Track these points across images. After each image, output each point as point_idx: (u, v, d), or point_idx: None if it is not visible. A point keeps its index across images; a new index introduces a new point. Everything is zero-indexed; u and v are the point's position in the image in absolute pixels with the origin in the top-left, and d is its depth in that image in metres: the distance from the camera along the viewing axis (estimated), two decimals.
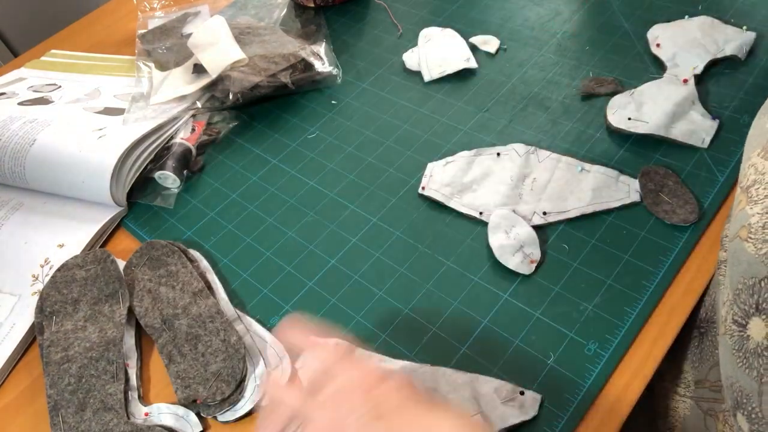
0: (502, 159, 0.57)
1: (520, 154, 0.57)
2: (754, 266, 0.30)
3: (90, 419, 0.45)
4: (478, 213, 0.53)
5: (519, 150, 0.57)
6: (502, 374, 0.44)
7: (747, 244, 0.31)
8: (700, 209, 0.50)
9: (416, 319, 0.48)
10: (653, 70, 0.62)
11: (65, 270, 0.53)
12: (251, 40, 0.71)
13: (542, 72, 0.66)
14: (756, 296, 0.30)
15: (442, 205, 0.55)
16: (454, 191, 0.56)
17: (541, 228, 0.52)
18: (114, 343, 0.48)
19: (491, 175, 0.56)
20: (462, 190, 0.55)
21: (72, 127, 0.63)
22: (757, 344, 0.30)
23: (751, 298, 0.30)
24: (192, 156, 0.64)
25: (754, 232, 0.31)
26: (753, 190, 0.32)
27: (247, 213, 0.59)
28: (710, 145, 0.54)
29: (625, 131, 0.56)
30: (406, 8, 0.78)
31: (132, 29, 0.85)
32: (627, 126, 0.56)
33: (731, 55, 0.61)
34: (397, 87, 0.68)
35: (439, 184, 0.56)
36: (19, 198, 0.64)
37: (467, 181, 0.56)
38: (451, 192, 0.56)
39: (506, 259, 0.49)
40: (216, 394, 0.44)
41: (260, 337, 0.49)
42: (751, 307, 0.30)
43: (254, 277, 0.53)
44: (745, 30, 0.63)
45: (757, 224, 0.31)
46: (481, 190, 0.55)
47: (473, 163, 0.57)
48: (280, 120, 0.68)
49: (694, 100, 0.57)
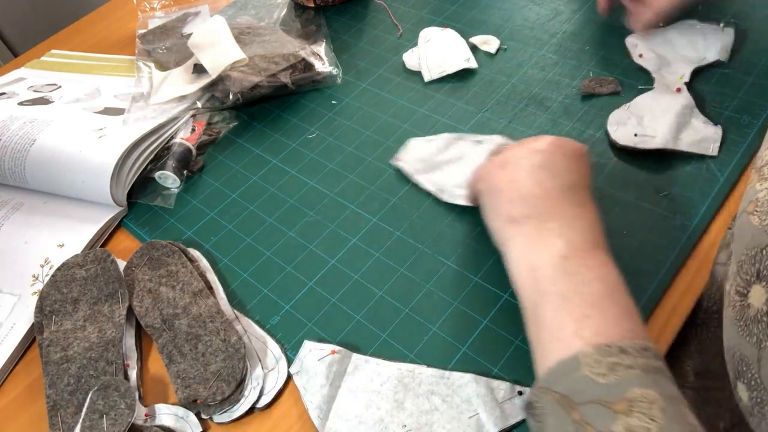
0: (481, 147, 0.58)
1: (497, 145, 0.58)
2: (758, 237, 0.30)
3: None
4: (438, 190, 0.55)
5: (498, 142, 0.58)
6: (502, 374, 0.44)
7: (752, 216, 0.31)
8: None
9: (416, 319, 0.48)
10: (643, 82, 0.61)
11: (65, 269, 0.53)
12: (251, 40, 0.71)
13: (542, 72, 0.66)
14: (757, 264, 0.30)
15: (432, 195, 0.56)
16: (425, 167, 0.58)
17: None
18: (113, 344, 0.48)
19: (464, 158, 0.57)
20: (432, 168, 0.57)
21: (72, 127, 0.63)
22: (757, 310, 0.30)
23: (753, 267, 0.31)
24: (192, 156, 0.64)
25: (760, 206, 0.31)
26: (766, 169, 0.33)
27: (247, 213, 0.59)
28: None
29: (634, 149, 0.54)
30: (406, 8, 0.78)
31: (132, 29, 0.85)
32: (635, 143, 0.54)
33: (714, 61, 0.61)
34: (397, 87, 0.68)
35: (413, 158, 0.58)
36: (19, 198, 0.64)
37: (439, 160, 0.58)
38: (422, 167, 0.58)
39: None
40: (216, 394, 0.44)
41: (258, 338, 0.49)
42: (753, 276, 0.31)
43: (254, 277, 0.53)
44: (723, 27, 0.63)
45: (764, 198, 0.31)
46: (448, 170, 0.57)
47: (452, 145, 0.59)
48: (280, 120, 0.68)
49: (692, 108, 0.57)
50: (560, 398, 0.33)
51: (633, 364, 0.32)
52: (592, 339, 0.34)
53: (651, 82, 0.60)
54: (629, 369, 0.32)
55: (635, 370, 0.32)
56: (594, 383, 0.32)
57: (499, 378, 0.43)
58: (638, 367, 0.32)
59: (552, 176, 0.41)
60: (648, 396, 0.31)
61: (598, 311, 0.35)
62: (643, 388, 0.31)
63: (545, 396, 0.34)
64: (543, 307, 0.37)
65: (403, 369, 0.44)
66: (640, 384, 0.31)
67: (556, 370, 0.34)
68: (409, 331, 0.48)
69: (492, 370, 0.44)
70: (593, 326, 0.34)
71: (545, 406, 0.34)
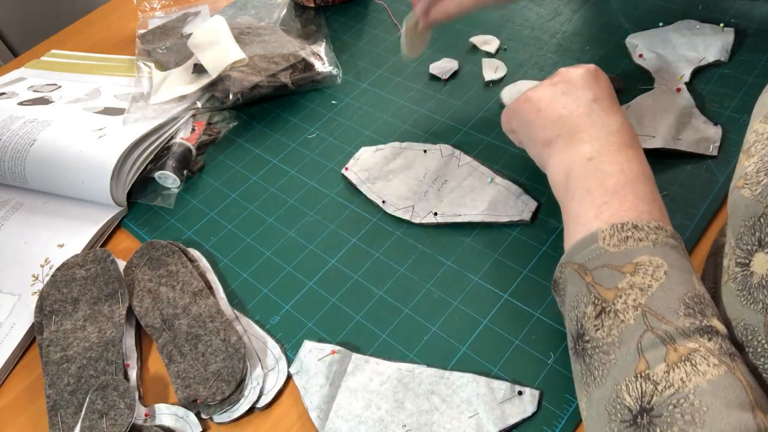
0: (427, 156, 0.59)
1: (444, 155, 0.58)
2: (751, 207, 0.31)
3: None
4: (381, 201, 0.56)
5: (444, 151, 0.59)
6: (501, 374, 0.44)
7: (743, 190, 0.32)
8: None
9: (416, 319, 0.48)
10: (643, 82, 0.61)
11: (65, 269, 0.53)
12: (251, 40, 0.71)
13: (542, 72, 0.66)
14: (758, 233, 0.31)
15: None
16: (370, 177, 0.58)
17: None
18: (113, 344, 0.48)
19: (410, 169, 0.58)
20: (378, 178, 0.58)
21: (72, 127, 0.63)
22: (761, 277, 0.31)
23: (753, 237, 0.31)
24: (192, 156, 0.64)
25: (749, 179, 0.32)
26: (752, 148, 0.34)
27: (247, 213, 0.59)
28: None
29: None
30: (406, 8, 0.78)
31: (132, 29, 0.85)
32: None
33: (714, 61, 0.61)
34: (397, 87, 0.68)
35: (360, 168, 0.59)
36: (19, 198, 0.64)
37: (386, 170, 0.58)
38: (367, 177, 0.58)
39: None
40: (216, 394, 0.44)
41: (258, 338, 0.49)
42: (754, 245, 0.31)
43: (254, 277, 0.53)
44: (723, 28, 0.63)
45: (751, 171, 0.32)
46: (394, 181, 0.57)
47: (400, 154, 0.59)
48: (280, 120, 0.68)
49: (692, 108, 0.57)
50: (578, 267, 0.37)
51: (643, 238, 0.36)
52: (609, 219, 0.37)
53: (651, 82, 0.60)
54: (640, 241, 0.35)
55: (645, 242, 0.35)
56: (606, 252, 0.36)
57: (499, 378, 0.43)
58: (649, 240, 0.35)
59: (574, 98, 0.44)
60: (654, 261, 0.35)
61: (618, 198, 0.38)
62: (651, 255, 0.35)
63: (566, 269, 0.38)
64: (570, 202, 0.41)
65: (403, 369, 0.44)
66: (648, 253, 0.35)
67: (576, 245, 0.38)
68: (409, 331, 0.48)
69: (492, 370, 0.44)
70: (611, 209, 0.38)
71: (566, 277, 0.38)
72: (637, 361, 0.32)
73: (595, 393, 0.34)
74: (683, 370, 0.30)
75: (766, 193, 0.30)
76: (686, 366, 0.30)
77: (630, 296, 0.34)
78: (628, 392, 0.31)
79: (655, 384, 0.30)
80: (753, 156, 0.33)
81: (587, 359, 0.35)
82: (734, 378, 0.29)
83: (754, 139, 0.35)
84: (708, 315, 0.33)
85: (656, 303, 0.33)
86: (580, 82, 0.45)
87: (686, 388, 0.29)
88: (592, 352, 0.34)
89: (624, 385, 0.31)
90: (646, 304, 0.33)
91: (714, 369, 0.30)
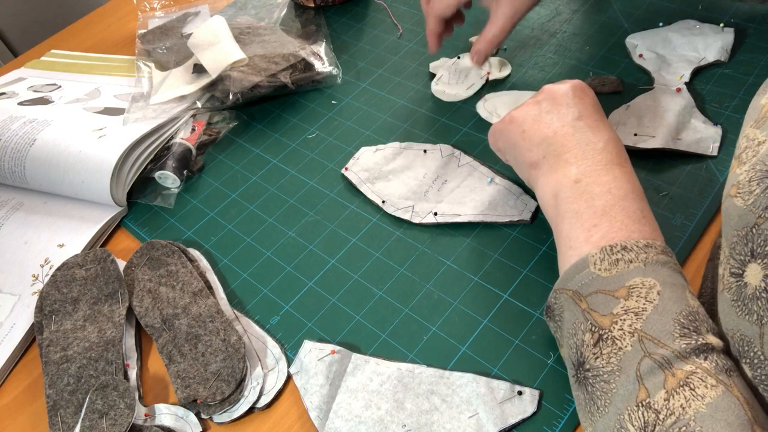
0: (427, 156, 0.59)
1: (444, 155, 0.58)
2: (744, 217, 0.31)
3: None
4: (381, 201, 0.56)
5: (444, 151, 0.59)
6: (501, 374, 0.44)
7: (736, 199, 0.32)
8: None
9: (416, 319, 0.48)
10: (643, 82, 0.61)
11: (65, 269, 0.53)
12: (251, 40, 0.71)
13: (542, 72, 0.66)
14: (750, 244, 0.31)
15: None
16: (370, 177, 0.58)
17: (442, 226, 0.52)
18: (113, 344, 0.48)
19: (410, 169, 0.58)
20: (378, 177, 0.58)
21: (72, 127, 0.63)
22: (755, 288, 0.31)
23: (746, 247, 0.31)
24: (192, 156, 0.64)
25: (741, 188, 0.32)
26: (743, 155, 0.34)
27: (247, 213, 0.59)
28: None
29: (634, 148, 0.54)
30: (406, 8, 0.78)
31: (132, 29, 0.85)
32: (634, 142, 0.54)
33: (714, 61, 0.61)
34: (397, 87, 0.68)
35: (360, 168, 0.59)
36: (19, 198, 0.64)
37: (386, 170, 0.58)
38: (367, 177, 0.58)
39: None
40: (216, 394, 0.44)
41: (258, 338, 0.49)
42: (747, 255, 0.31)
43: (254, 277, 0.53)
44: (723, 28, 0.63)
45: (743, 180, 0.32)
46: (394, 181, 0.57)
47: (400, 154, 0.59)
48: (280, 120, 0.68)
49: (692, 108, 0.57)
50: (572, 294, 0.37)
51: (634, 259, 0.36)
52: (599, 242, 0.38)
53: (651, 82, 0.60)
54: (630, 263, 0.36)
55: (636, 264, 0.36)
56: (599, 277, 0.36)
57: (499, 378, 0.43)
58: (639, 261, 0.36)
59: (559, 117, 0.44)
60: (647, 283, 0.35)
61: (606, 219, 0.38)
62: (642, 277, 0.35)
63: (560, 295, 0.39)
64: (561, 224, 0.41)
65: (403, 369, 0.44)
66: (640, 274, 0.35)
67: (569, 271, 0.38)
68: (408, 331, 0.48)
69: (492, 370, 0.44)
70: (601, 232, 0.38)
71: (561, 303, 0.39)
72: (638, 389, 0.32)
73: (599, 422, 0.34)
74: (682, 396, 0.30)
75: (758, 203, 0.30)
76: (685, 391, 0.31)
77: (626, 322, 0.34)
78: (631, 422, 0.31)
79: (657, 413, 0.31)
80: (745, 163, 0.33)
81: (589, 388, 0.35)
82: (732, 397, 0.30)
83: (745, 144, 0.35)
84: (702, 332, 0.33)
85: (651, 327, 0.33)
86: (565, 100, 0.45)
87: (686, 414, 0.30)
88: (594, 381, 0.35)
89: (627, 414, 0.32)
90: (641, 329, 0.33)
91: (712, 390, 0.30)
